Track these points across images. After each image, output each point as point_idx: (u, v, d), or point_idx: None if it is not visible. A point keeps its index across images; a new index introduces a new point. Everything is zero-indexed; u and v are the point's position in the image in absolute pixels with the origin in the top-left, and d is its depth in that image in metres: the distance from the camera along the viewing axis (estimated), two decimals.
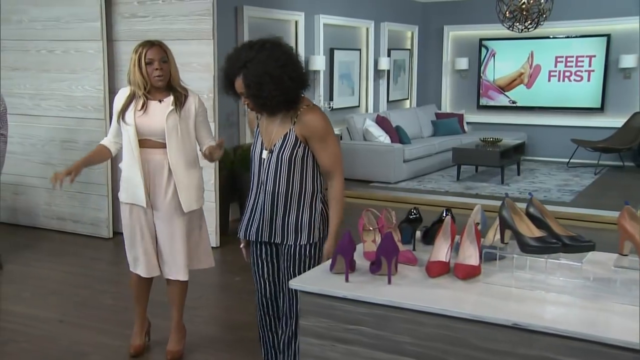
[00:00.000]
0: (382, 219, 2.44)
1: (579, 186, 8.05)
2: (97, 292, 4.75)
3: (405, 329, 1.99)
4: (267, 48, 2.53)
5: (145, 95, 3.34)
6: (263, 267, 2.87)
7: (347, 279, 2.14)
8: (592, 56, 9.64)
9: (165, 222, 3.43)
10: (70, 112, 6.14)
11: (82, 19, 5.95)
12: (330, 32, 8.29)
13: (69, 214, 6.30)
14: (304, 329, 2.18)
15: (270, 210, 2.70)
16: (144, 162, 3.35)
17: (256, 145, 2.77)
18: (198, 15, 5.56)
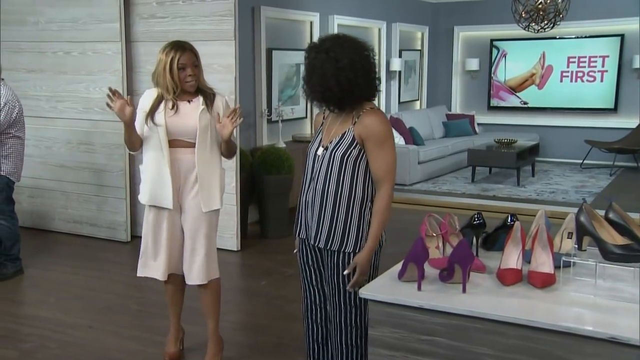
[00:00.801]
0: (445, 225, 2.37)
1: (596, 188, 8.01)
2: (121, 297, 4.68)
3: (484, 340, 1.93)
4: (345, 47, 2.53)
5: (174, 99, 3.27)
6: (311, 274, 2.81)
7: (420, 288, 2.07)
8: (605, 56, 9.59)
9: (191, 223, 3.37)
10: (87, 114, 6.06)
11: (100, 19, 5.87)
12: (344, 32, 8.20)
13: (85, 217, 6.22)
14: (373, 339, 2.11)
15: (320, 209, 2.64)
16: (175, 162, 3.29)
17: (315, 142, 2.73)
18: (219, 16, 5.49)
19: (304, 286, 2.86)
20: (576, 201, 7.23)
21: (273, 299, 4.59)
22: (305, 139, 7.13)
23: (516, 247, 2.20)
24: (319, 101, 2.61)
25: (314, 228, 2.67)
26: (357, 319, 2.68)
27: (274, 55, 6.90)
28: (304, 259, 2.81)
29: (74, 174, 6.21)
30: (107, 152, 6.01)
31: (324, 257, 2.71)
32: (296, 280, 4.71)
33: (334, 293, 2.68)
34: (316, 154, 2.69)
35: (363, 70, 2.54)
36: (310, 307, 2.85)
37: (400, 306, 2.04)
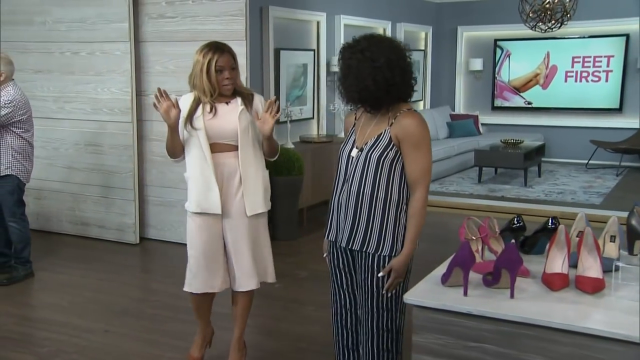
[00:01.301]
0: (485, 228, 2.33)
1: (604, 188, 7.98)
2: (135, 300, 4.63)
3: (536, 348, 1.89)
4: (381, 47, 2.49)
5: (211, 101, 3.21)
6: (341, 277, 2.76)
7: (466, 293, 2.03)
8: (610, 56, 9.58)
9: (236, 229, 3.29)
10: (95, 115, 6.00)
11: (109, 19, 5.81)
12: (349, 33, 8.09)
13: (93, 219, 6.15)
14: (417, 346, 2.07)
15: (354, 211, 2.59)
16: (218, 167, 3.22)
17: (347, 143, 2.68)
18: (230, 16, 5.44)
19: (334, 290, 2.81)
20: (585, 201, 7.21)
21: (289, 302, 4.54)
22: (313, 139, 7.09)
23: (561, 251, 2.16)
24: (355, 101, 2.57)
25: (347, 231, 2.62)
26: (390, 323, 2.63)
27: (282, 55, 6.85)
28: (334, 262, 2.77)
29: (81, 175, 6.15)
30: (115, 153, 5.94)
31: (357, 260, 2.67)
32: (309, 282, 4.68)
33: (367, 297, 2.63)
34: (350, 156, 2.64)
35: (400, 69, 2.50)
36: (340, 312, 2.80)
37: (446, 312, 2.00)
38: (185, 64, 5.62)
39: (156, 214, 6.04)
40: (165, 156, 5.73)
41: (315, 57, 7.51)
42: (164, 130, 5.70)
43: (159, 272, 5.28)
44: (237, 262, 3.33)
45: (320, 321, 4.20)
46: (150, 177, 6.02)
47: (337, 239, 2.70)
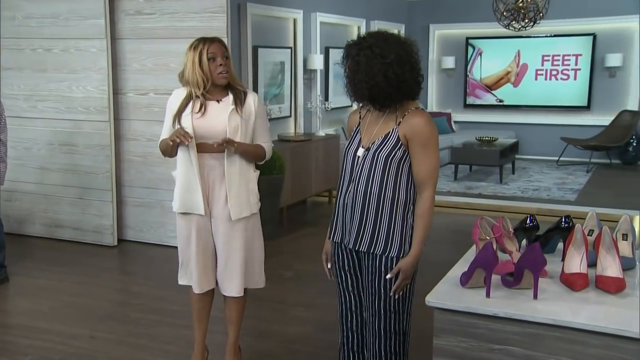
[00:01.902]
0: (499, 227, 2.30)
1: (576, 184, 8.09)
2: (118, 304, 4.50)
3: (563, 349, 1.86)
4: (390, 43, 2.43)
5: (203, 95, 3.11)
6: (347, 279, 2.71)
7: (489, 294, 1.99)
8: (578, 55, 9.72)
9: (224, 232, 3.20)
10: (69, 114, 5.83)
11: (84, 16, 5.65)
12: (325, 30, 8.13)
13: (68, 221, 5.98)
14: (438, 349, 2.02)
15: (361, 211, 2.53)
16: (204, 167, 3.12)
17: (352, 143, 2.62)
18: (210, 13, 5.33)
19: (339, 292, 2.75)
20: (560, 198, 7.30)
21: (276, 303, 4.47)
22: (291, 138, 7.01)
23: (578, 250, 2.14)
24: (365, 98, 2.51)
25: (354, 232, 2.56)
26: (397, 325, 2.59)
27: (259, 53, 6.76)
28: (339, 264, 2.71)
29: (55, 176, 5.97)
30: (92, 153, 5.78)
31: (363, 262, 2.61)
32: (295, 282, 4.59)
33: (374, 299, 2.58)
34: (356, 155, 2.58)
35: (410, 66, 2.45)
36: (346, 314, 2.75)
37: (469, 314, 1.95)
38: (164, 62, 5.55)
39: (134, 215, 5.90)
40: (144, 156, 5.75)
41: (292, 55, 7.43)
42: (142, 130, 5.71)
43: (140, 274, 5.14)
44: (224, 265, 3.25)
45: (310, 322, 4.15)
46: (129, 178, 5.87)
47: (343, 240, 2.65)
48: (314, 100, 7.73)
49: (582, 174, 8.84)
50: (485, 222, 2.35)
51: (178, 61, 5.43)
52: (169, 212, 5.74)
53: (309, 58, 7.69)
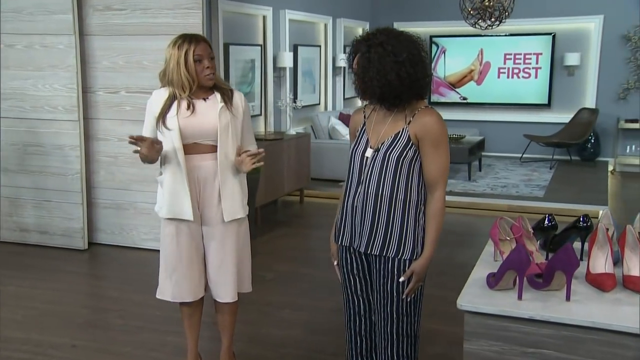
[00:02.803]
0: (519, 228, 2.26)
1: (542, 181, 8.20)
2: (98, 311, 4.32)
3: (601, 352, 1.82)
4: (401, 40, 2.36)
5: (189, 97, 2.97)
6: (356, 283, 2.63)
7: (521, 297, 1.94)
8: (538, 54, 9.87)
9: (217, 237, 3.07)
10: (35, 114, 5.58)
11: (50, 10, 5.41)
12: (294, 28, 8.04)
13: (34, 224, 5.74)
14: (470, 353, 1.97)
15: (373, 214, 2.46)
16: (193, 170, 2.98)
17: (359, 143, 2.53)
18: (185, 9, 5.17)
19: (347, 296, 2.68)
20: (529, 194, 7.38)
21: (263, 305, 4.36)
22: (262, 136, 6.89)
23: (602, 250, 2.11)
24: (376, 97, 2.43)
25: (366, 235, 2.49)
26: (409, 329, 2.53)
27: (230, 50, 6.62)
28: (348, 268, 2.63)
29: (20, 178, 5.72)
30: (60, 154, 5.56)
31: (373, 265, 2.54)
32: (277, 284, 4.47)
33: (386, 302, 2.51)
34: (364, 156, 2.51)
35: (422, 65, 2.39)
36: (354, 318, 2.67)
37: (501, 317, 1.90)
38: (137, 59, 5.37)
39: (105, 218, 5.70)
40: (115, 156, 5.55)
41: (262, 53, 7.32)
42: (113, 129, 5.52)
43: (117, 279, 4.96)
44: (217, 271, 3.11)
45: (299, 324, 4.07)
46: (98, 179, 5.66)
47: (352, 244, 2.57)
48: (284, 98, 7.63)
49: (546, 170, 8.97)
50: (504, 222, 2.30)
51: (151, 59, 5.33)
52: (141, 214, 5.59)
53: (278, 56, 7.59)
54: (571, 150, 9.59)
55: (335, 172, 8.03)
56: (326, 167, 8.02)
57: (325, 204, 7.53)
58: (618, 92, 9.55)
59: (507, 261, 1.94)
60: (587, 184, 8.10)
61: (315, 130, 8.24)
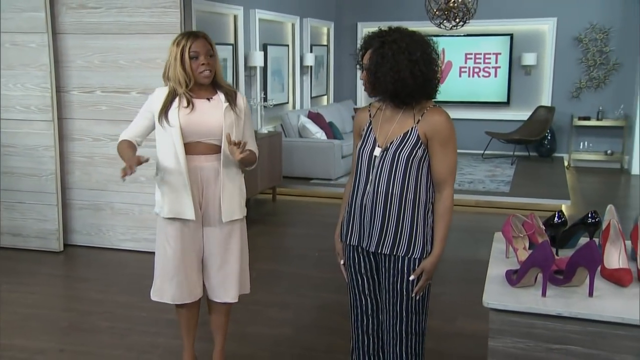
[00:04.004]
0: (532, 224, 2.24)
1: (505, 176, 8.30)
2: (82, 313, 4.16)
3: (628, 347, 1.81)
4: (415, 39, 2.33)
5: (187, 93, 2.88)
6: (363, 282, 2.58)
7: (545, 294, 1.93)
8: (497, 54, 9.99)
9: (219, 238, 2.99)
10: (6, 114, 5.37)
11: (20, 8, 5.20)
12: (263, 27, 7.94)
13: (6, 227, 5.52)
14: (495, 351, 1.94)
15: (383, 213, 2.41)
16: (196, 170, 2.89)
17: (366, 143, 2.47)
18: (162, 8, 5.04)
19: (354, 295, 2.62)
20: (496, 189, 7.46)
21: (249, 304, 4.25)
22: None
23: (615, 245, 2.12)
24: (387, 93, 2.38)
25: (376, 234, 2.44)
26: (417, 326, 2.50)
27: None
28: (356, 268, 2.58)
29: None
30: (33, 154, 5.35)
31: (381, 264, 2.50)
32: (261, 282, 4.35)
33: (395, 301, 2.47)
34: (372, 155, 2.46)
35: (434, 65, 2.36)
36: (362, 318, 2.62)
37: (526, 314, 1.88)
38: (113, 59, 5.20)
39: (81, 219, 5.52)
40: (90, 156, 5.40)
41: (233, 52, 7.20)
42: (89, 129, 5.35)
43: (97, 280, 4.79)
44: (218, 272, 3.03)
45: (289, 323, 4.01)
46: (74, 179, 5.48)
47: (361, 243, 2.52)
48: (255, 97, 7.53)
49: (507, 166, 9.10)
50: (516, 219, 2.29)
51: (128, 58, 5.19)
52: (118, 215, 5.43)
53: (249, 55, 7.48)
54: (530, 146, 9.75)
55: (306, 170, 7.98)
56: (297, 165, 7.97)
57: (298, 201, 7.49)
58: (571, 90, 9.74)
59: (532, 258, 1.92)
60: (547, 179, 8.24)
61: (285, 129, 8.16)
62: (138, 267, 4.99)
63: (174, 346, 3.57)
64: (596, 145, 9.68)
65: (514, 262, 2.22)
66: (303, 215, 7.00)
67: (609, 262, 2.08)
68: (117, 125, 4.97)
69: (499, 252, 2.37)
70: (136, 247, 5.38)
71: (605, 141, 9.64)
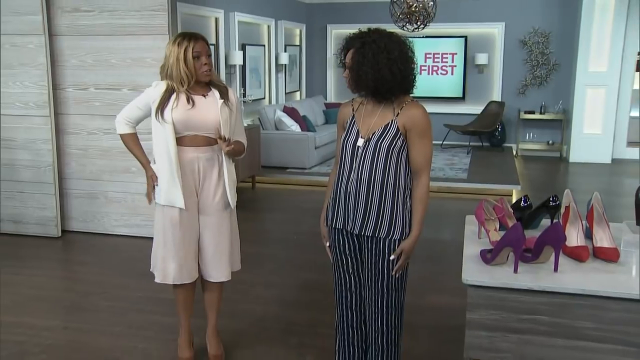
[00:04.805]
0: (502, 208, 2.29)
1: (462, 164, 8.40)
2: (83, 294, 4.11)
3: (587, 315, 1.87)
4: (393, 40, 2.34)
5: (187, 91, 2.86)
6: (347, 262, 2.60)
7: (516, 270, 1.97)
8: (454, 54, 10.07)
9: (215, 222, 2.98)
10: (7, 110, 5.24)
11: (18, 12, 5.07)
12: (242, 29, 7.87)
13: (8, 214, 5.40)
14: (472, 322, 1.98)
15: (366, 198, 2.43)
16: (193, 161, 2.88)
17: (350, 134, 2.49)
18: (151, 11, 4.96)
19: (339, 274, 2.64)
20: (455, 176, 7.55)
21: (236, 283, 4.18)
22: None
23: (574, 225, 2.17)
24: (368, 90, 2.39)
25: (359, 218, 2.46)
26: (396, 301, 2.54)
27: None
28: (340, 249, 2.59)
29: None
30: (32, 147, 5.24)
31: (364, 245, 2.52)
32: (246, 264, 4.29)
33: (377, 279, 2.50)
34: (356, 146, 2.47)
35: (411, 63, 2.38)
36: (345, 294, 2.65)
37: (500, 289, 1.93)
38: (105, 58, 5.11)
39: (77, 207, 5.43)
40: (85, 149, 5.32)
41: (215, 51, 7.14)
42: (83, 124, 5.26)
43: (94, 264, 4.73)
44: (213, 253, 3.02)
45: (275, 300, 4.01)
46: (70, 170, 5.38)
47: (345, 226, 2.53)
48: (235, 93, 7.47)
49: (464, 155, 9.20)
50: (488, 203, 2.33)
51: (119, 57, 5.10)
52: (112, 203, 5.36)
53: (229, 54, 7.42)
54: (483, 137, 9.88)
55: (282, 160, 7.97)
56: (274, 156, 7.95)
57: (275, 189, 7.47)
58: (518, 87, 9.89)
59: (505, 239, 1.96)
60: (499, 167, 8.36)
61: (263, 122, 8.12)
62: (131, 251, 4.94)
63: (168, 323, 3.55)
64: (539, 136, 9.86)
65: (486, 242, 2.27)
66: (280, 202, 7.00)
67: (569, 241, 2.14)
68: (110, 120, 4.88)
69: (472, 233, 2.41)
70: (129, 233, 5.32)
71: (547, 132, 9.82)
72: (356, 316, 2.66)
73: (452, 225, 5.63)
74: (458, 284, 2.12)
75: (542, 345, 1.93)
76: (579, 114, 9.10)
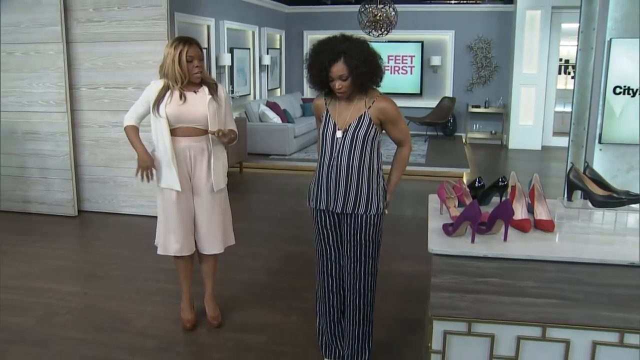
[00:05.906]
0: (460, 188, 2.35)
1: (421, 151, 8.49)
2: (98, 264, 4.10)
3: (529, 276, 1.95)
4: (359, 40, 2.36)
5: (181, 89, 2.85)
6: (329, 235, 2.64)
7: (473, 241, 2.04)
8: (412, 56, 10.12)
9: (206, 203, 3.00)
10: (31, 107, 5.17)
11: (42, 24, 5.00)
12: (230, 34, 7.80)
13: (34, 197, 5.34)
14: (436, 285, 2.03)
15: (345, 181, 2.48)
16: (186, 149, 2.89)
17: (327, 126, 2.50)
18: (153, 20, 4.91)
19: (320, 246, 2.67)
20: (415, 161, 7.61)
21: (227, 255, 4.12)
22: None
23: (519, 201, 2.25)
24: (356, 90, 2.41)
25: (341, 198, 2.50)
26: (372, 268, 2.60)
27: None
28: (322, 224, 2.62)
29: (20, 160, 5.29)
30: (52, 139, 5.19)
31: (344, 221, 2.56)
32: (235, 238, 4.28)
33: (355, 249, 2.55)
34: (335, 137, 2.48)
35: (379, 63, 2.41)
36: (326, 264, 2.68)
37: (460, 257, 2.00)
38: (113, 61, 5.06)
39: (90, 190, 5.39)
40: (97, 140, 5.30)
41: (207, 54, 7.07)
42: (95, 118, 5.23)
43: (107, 239, 4.71)
44: (207, 230, 3.05)
45: (262, 269, 4.00)
46: (84, 159, 5.33)
47: (329, 207, 2.56)
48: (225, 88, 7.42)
49: (422, 143, 9.30)
50: (448, 184, 2.39)
51: (125, 60, 5.04)
52: (120, 186, 5.33)
53: (219, 56, 7.36)
54: (437, 128, 9.99)
55: (265, 148, 7.97)
56: (259, 144, 7.94)
57: (260, 173, 7.47)
58: (466, 85, 10.00)
59: (465, 214, 2.03)
60: (452, 153, 8.48)
61: (248, 115, 8.09)
62: (138, 228, 4.93)
63: (172, 289, 3.56)
64: (484, 127, 10.01)
65: (447, 217, 2.33)
66: (265, 184, 7.00)
67: (515, 215, 2.22)
68: (118, 115, 4.91)
69: (434, 210, 2.48)
70: (136, 212, 5.31)
71: (490, 124, 9.98)
72: (335, 282, 2.69)
73: (413, 203, 5.72)
74: (419, 253, 2.18)
75: (493, 302, 1.99)
76: (516, 108, 9.26)
